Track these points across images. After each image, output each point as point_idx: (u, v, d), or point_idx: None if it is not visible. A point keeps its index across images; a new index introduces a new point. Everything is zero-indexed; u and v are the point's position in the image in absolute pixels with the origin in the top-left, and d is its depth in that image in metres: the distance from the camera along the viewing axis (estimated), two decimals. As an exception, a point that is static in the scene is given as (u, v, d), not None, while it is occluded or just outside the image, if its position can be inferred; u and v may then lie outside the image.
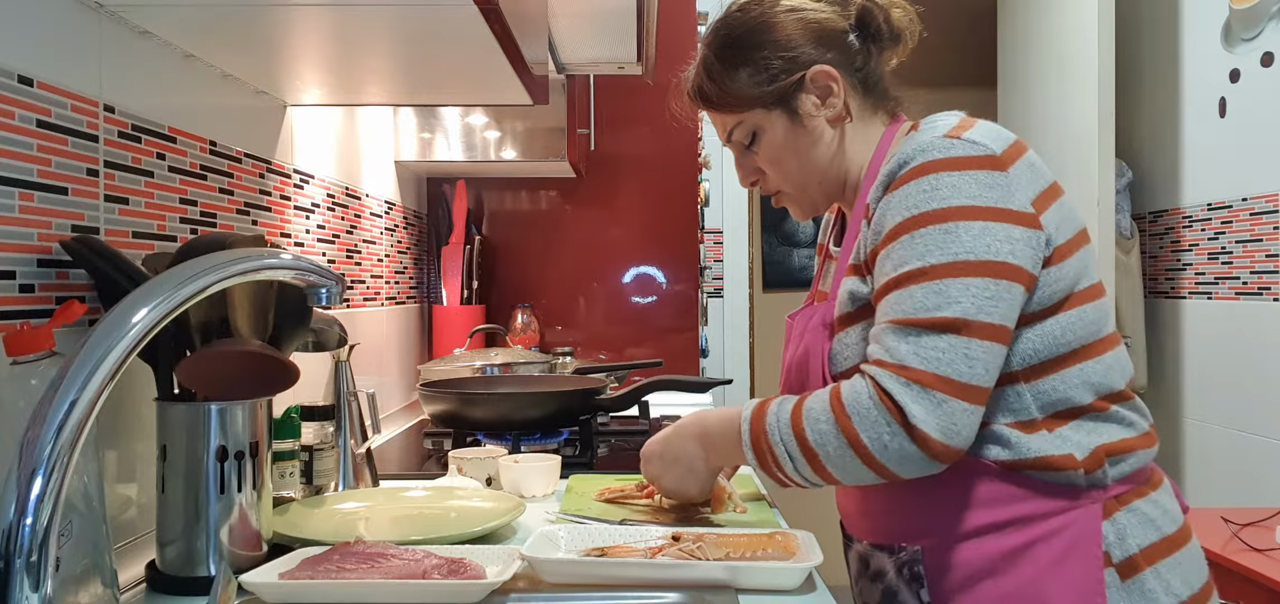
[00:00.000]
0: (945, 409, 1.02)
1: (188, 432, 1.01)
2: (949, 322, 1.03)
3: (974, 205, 1.06)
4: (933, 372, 1.03)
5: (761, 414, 1.13)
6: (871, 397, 1.05)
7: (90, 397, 0.66)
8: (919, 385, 1.03)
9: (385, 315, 2.34)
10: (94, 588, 0.87)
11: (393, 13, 1.18)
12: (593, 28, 2.01)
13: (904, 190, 1.08)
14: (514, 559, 1.01)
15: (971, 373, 1.03)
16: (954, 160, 1.08)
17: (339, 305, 0.84)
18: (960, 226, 1.05)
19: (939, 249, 1.05)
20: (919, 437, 1.02)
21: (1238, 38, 2.82)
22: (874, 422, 1.04)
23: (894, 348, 1.05)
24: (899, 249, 1.07)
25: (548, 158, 2.49)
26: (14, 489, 0.64)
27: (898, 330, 1.05)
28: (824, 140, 1.22)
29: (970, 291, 1.04)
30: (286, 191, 1.70)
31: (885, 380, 1.04)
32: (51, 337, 0.86)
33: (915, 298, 1.05)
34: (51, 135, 1.04)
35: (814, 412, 1.09)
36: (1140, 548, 1.09)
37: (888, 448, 1.04)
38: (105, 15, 1.14)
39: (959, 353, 1.03)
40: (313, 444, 1.35)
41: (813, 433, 1.08)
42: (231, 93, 1.49)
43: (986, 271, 1.04)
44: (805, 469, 1.09)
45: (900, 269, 1.07)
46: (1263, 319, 2.75)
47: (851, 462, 1.06)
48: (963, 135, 1.10)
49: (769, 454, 1.12)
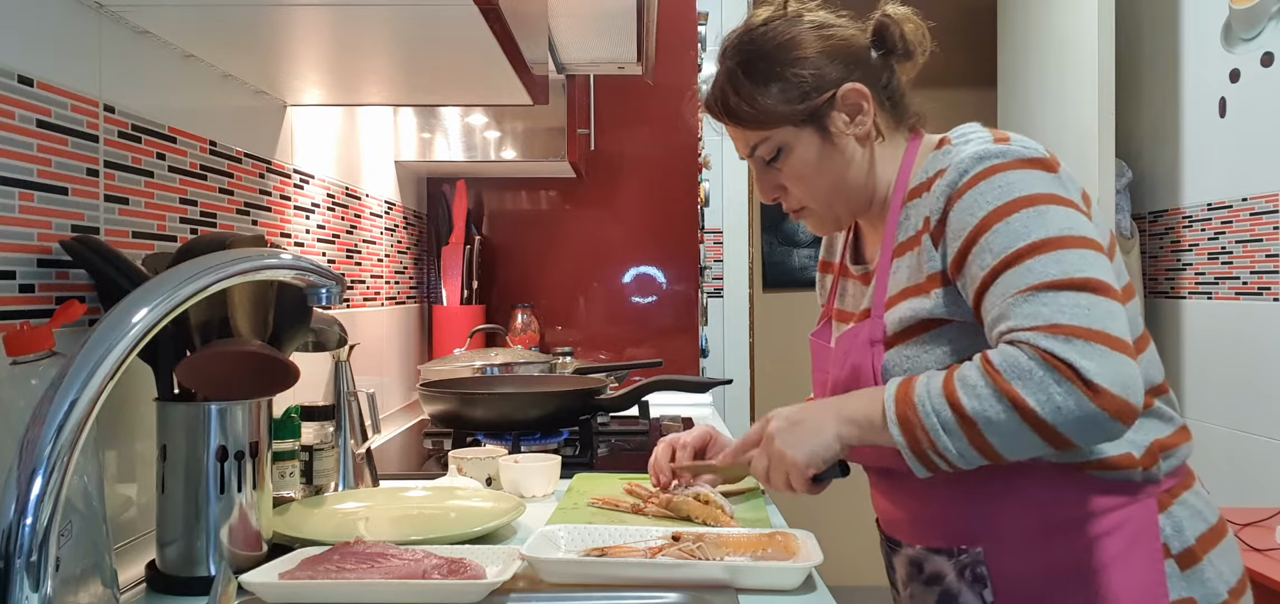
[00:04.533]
0: (1113, 361, 0.97)
1: (188, 432, 1.01)
2: (1080, 281, 1.00)
3: (1051, 194, 1.07)
4: (1086, 325, 0.98)
5: (908, 389, 1.07)
6: (1032, 358, 0.99)
7: (90, 397, 0.66)
8: (1081, 339, 0.97)
9: (385, 315, 2.34)
10: (94, 588, 0.87)
11: (392, 13, 1.18)
12: (593, 28, 2.01)
13: (976, 191, 1.08)
14: (514, 559, 1.01)
15: (1117, 328, 0.99)
16: (1016, 161, 1.09)
17: (339, 305, 0.84)
18: (1049, 209, 1.05)
19: (1039, 226, 1.04)
20: (1098, 392, 0.96)
21: (1238, 38, 2.82)
22: (1041, 382, 0.98)
23: (1035, 312, 1.00)
24: (996, 237, 1.05)
25: (548, 158, 2.49)
26: (14, 489, 0.64)
27: (1031, 296, 1.01)
28: (854, 158, 1.21)
29: (1086, 258, 1.02)
30: (286, 191, 1.70)
31: (1041, 341, 0.98)
32: (51, 336, 0.86)
33: (1036, 268, 1.02)
34: (51, 135, 1.04)
35: (968, 379, 1.03)
36: (1197, 537, 1.12)
37: (1062, 409, 0.97)
38: (105, 15, 1.14)
39: (1102, 309, 0.99)
40: (313, 444, 1.35)
41: (970, 400, 1.02)
42: (231, 93, 1.49)
43: (1088, 244, 1.04)
44: (962, 442, 1.03)
45: (1007, 250, 1.04)
46: (1263, 319, 2.75)
47: (1018, 429, 1.00)
48: (1012, 141, 1.12)
49: (920, 429, 1.05)
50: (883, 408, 1.08)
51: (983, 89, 3.72)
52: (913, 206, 1.17)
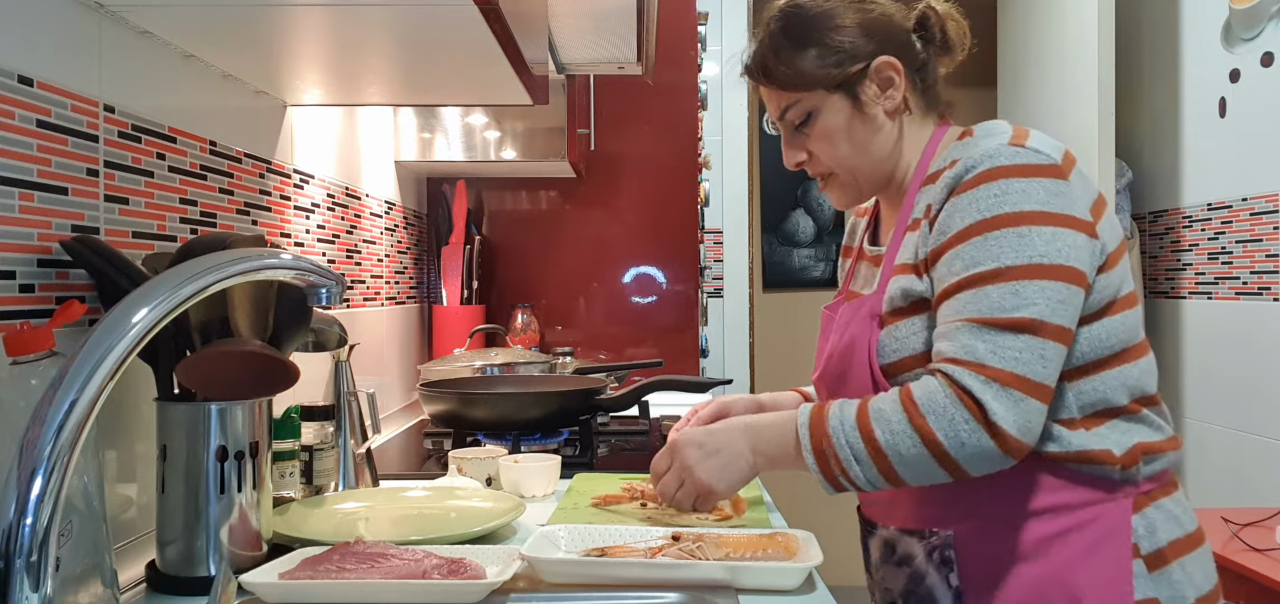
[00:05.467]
0: (1023, 407, 1.05)
1: (188, 432, 1.01)
2: (1026, 322, 1.06)
3: (1044, 211, 1.09)
4: (1011, 371, 1.05)
5: (821, 418, 1.13)
6: (948, 394, 1.06)
7: (90, 397, 0.66)
8: (998, 383, 1.05)
9: (385, 315, 2.34)
10: (94, 588, 0.87)
11: (393, 13, 1.18)
12: (593, 28, 2.01)
13: (973, 193, 1.11)
14: (514, 559, 1.01)
15: (1045, 373, 1.06)
16: (1021, 167, 1.11)
17: (339, 305, 0.84)
18: (1034, 231, 1.08)
19: (1014, 251, 1.08)
20: (998, 433, 1.05)
21: (1238, 38, 2.82)
22: (951, 418, 1.06)
23: (971, 346, 1.07)
24: (971, 249, 1.10)
25: (548, 158, 2.49)
26: (14, 489, 0.64)
27: (974, 329, 1.07)
28: (881, 131, 1.24)
29: (1045, 294, 1.07)
30: (286, 191, 1.70)
31: (964, 378, 1.06)
32: (51, 336, 0.86)
33: (991, 298, 1.07)
34: (51, 135, 1.04)
35: (883, 412, 1.09)
36: (1168, 541, 1.14)
37: (965, 445, 1.06)
38: (105, 15, 1.14)
39: (1035, 353, 1.06)
40: (313, 444, 1.35)
41: (883, 433, 1.09)
42: (231, 93, 1.49)
43: (1059, 275, 1.08)
44: (871, 471, 1.10)
45: (973, 269, 1.09)
46: (1263, 319, 2.75)
47: (924, 461, 1.08)
48: (1026, 143, 1.14)
49: (832, 458, 1.12)
50: (796, 436, 1.15)
51: (983, 89, 3.72)
52: (926, 191, 1.20)
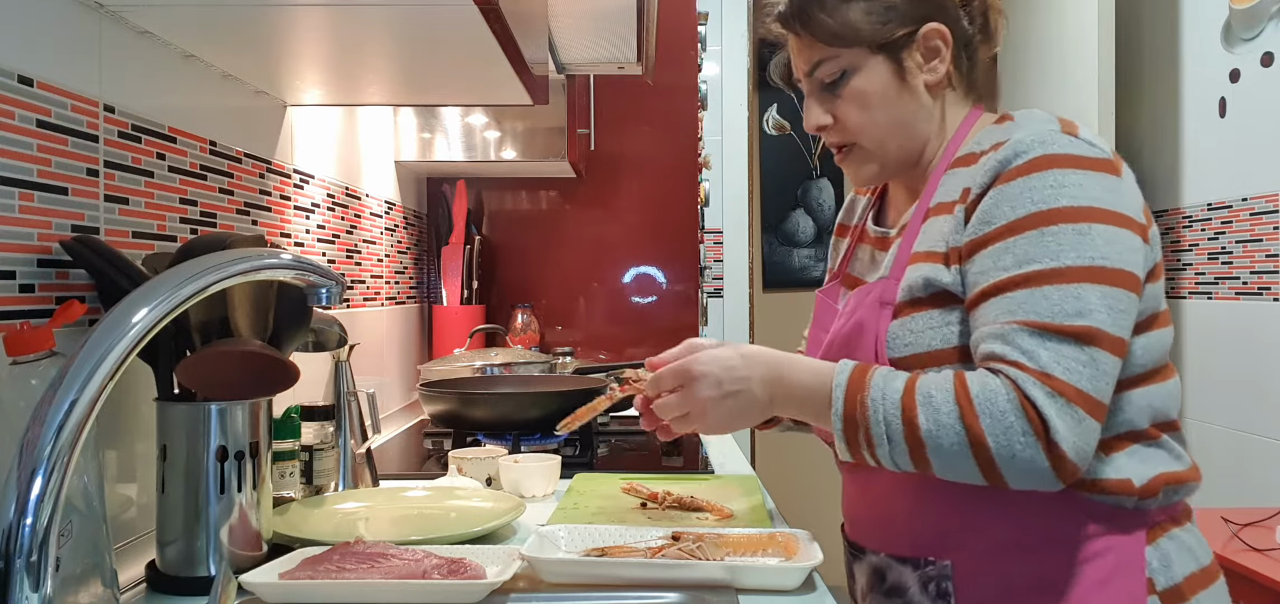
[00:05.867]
0: (1083, 428, 0.96)
1: (188, 432, 1.01)
2: (1088, 332, 0.97)
3: (1103, 208, 1.01)
4: (1075, 385, 0.96)
5: (861, 384, 1.03)
6: (1011, 400, 0.97)
7: (90, 397, 0.66)
8: (1063, 399, 0.96)
9: (385, 315, 2.34)
10: (94, 588, 0.87)
11: (393, 13, 1.18)
12: (593, 28, 2.01)
13: (1024, 182, 1.02)
14: (514, 559, 1.01)
15: (1104, 390, 0.98)
16: (1078, 158, 1.02)
17: (339, 305, 0.84)
18: (1095, 229, 1.00)
19: (1074, 250, 0.99)
20: (1057, 454, 0.96)
21: (1238, 38, 2.82)
22: (1008, 427, 0.96)
23: (1032, 352, 0.97)
24: (1025, 244, 1.00)
25: (548, 158, 2.49)
26: (14, 489, 0.64)
27: (1033, 334, 0.98)
28: (920, 102, 1.16)
29: (1106, 301, 0.98)
30: (286, 191, 1.70)
31: (1030, 387, 0.96)
32: (51, 336, 0.86)
33: (1051, 300, 0.98)
34: (51, 135, 1.04)
35: (933, 399, 1.00)
36: (1185, 576, 1.06)
37: (1016, 458, 0.97)
38: (105, 15, 1.14)
39: (1097, 367, 0.97)
40: (313, 444, 1.35)
41: (928, 421, 0.99)
42: (231, 93, 1.49)
43: (1119, 280, 0.99)
44: (901, 454, 1.01)
45: (1028, 266, 1.00)
46: (1263, 319, 2.75)
47: (964, 461, 0.99)
48: (1079, 133, 1.05)
49: (863, 431, 1.03)
50: (830, 395, 1.05)
51: (983, 89, 3.72)
52: (955, 174, 1.12)
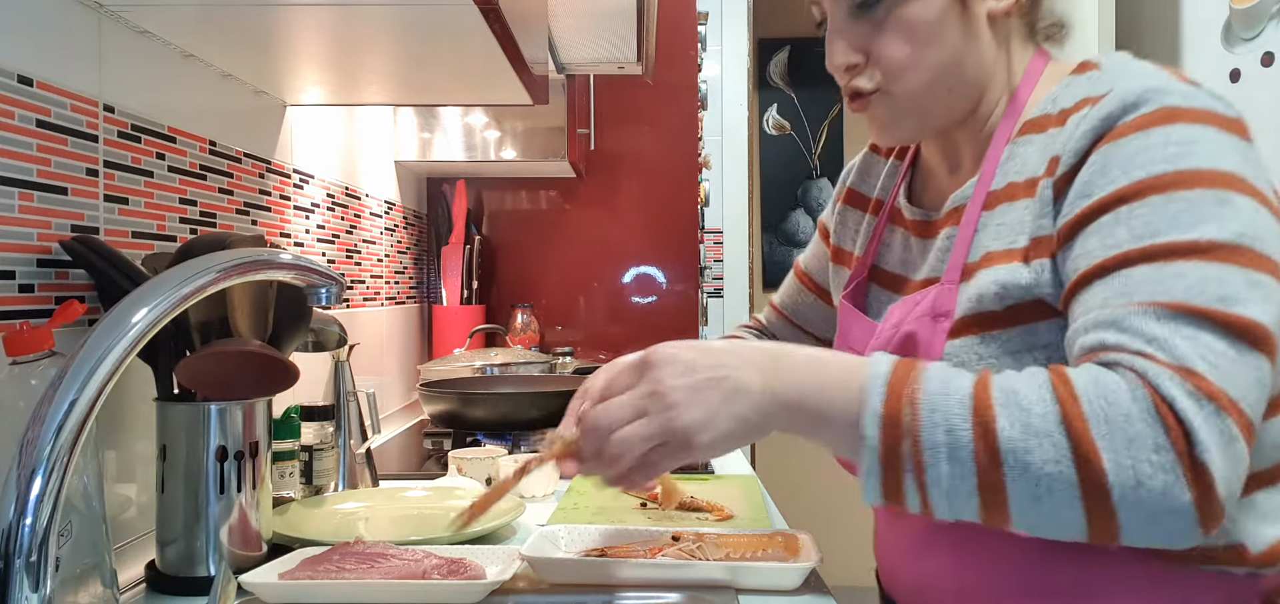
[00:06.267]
0: (1235, 451, 0.67)
1: (187, 432, 1.01)
2: (1241, 324, 0.70)
3: (1243, 178, 0.76)
4: (1226, 390, 0.67)
5: (911, 379, 0.72)
6: (1141, 400, 0.67)
7: (90, 397, 0.66)
8: (1215, 405, 0.67)
9: (385, 315, 2.34)
10: (93, 588, 0.87)
11: (392, 12, 1.18)
12: (593, 27, 2.01)
13: (1142, 138, 0.77)
14: (514, 559, 1.01)
15: (1256, 405, 0.70)
16: (1207, 114, 0.78)
17: (338, 305, 0.84)
18: (1237, 199, 0.74)
19: (1216, 221, 0.73)
20: (1204, 482, 0.66)
21: (1238, 38, 2.82)
22: (1135, 437, 0.66)
23: (1164, 339, 0.69)
24: (1145, 211, 0.74)
25: (548, 158, 2.49)
26: (13, 489, 0.64)
27: (1164, 316, 0.70)
28: (980, 39, 0.91)
29: (1261, 292, 0.71)
30: (286, 191, 1.70)
31: (1165, 383, 0.67)
32: (51, 336, 0.86)
33: (1187, 279, 0.71)
34: (51, 135, 1.04)
35: (1019, 394, 0.70)
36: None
37: (1142, 486, 0.66)
38: (105, 15, 1.14)
39: (1252, 372, 0.69)
40: (312, 444, 1.35)
41: (1010, 424, 0.68)
42: (231, 92, 1.49)
43: (1268, 267, 0.73)
44: (965, 484, 0.69)
45: (1155, 238, 0.73)
46: (1263, 319, 2.75)
47: (1061, 490, 0.67)
48: (1201, 86, 0.83)
49: (911, 442, 0.70)
50: (862, 390, 0.72)
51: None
52: (1026, 142, 0.87)
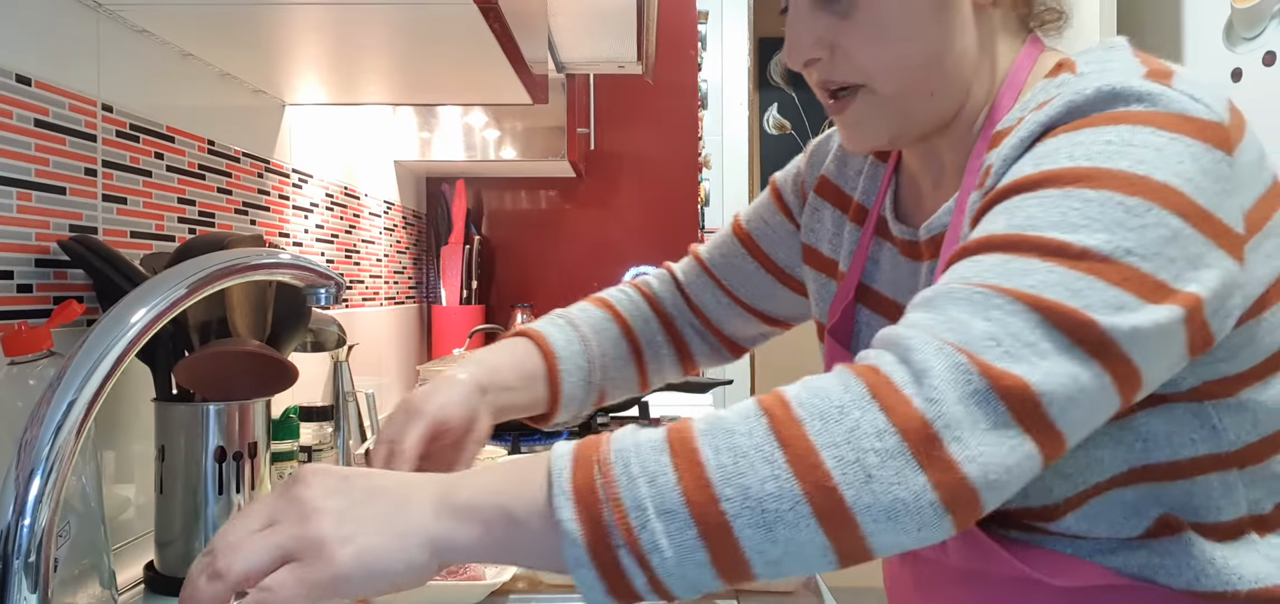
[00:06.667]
0: (1005, 439, 0.58)
1: (186, 432, 1.01)
2: (1078, 320, 0.61)
3: (1180, 192, 0.64)
4: (1019, 376, 0.59)
5: (594, 443, 0.61)
6: (853, 389, 0.58)
7: (88, 397, 0.65)
8: (988, 384, 0.58)
9: (384, 315, 2.34)
10: (92, 589, 0.87)
11: (392, 11, 1.18)
12: (592, 27, 2.01)
13: (1070, 135, 0.67)
14: (514, 560, 1.01)
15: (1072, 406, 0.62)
16: (1172, 116, 0.66)
17: (337, 305, 0.84)
18: (1154, 213, 0.63)
19: (1110, 230, 0.62)
20: (943, 463, 0.56)
21: (1239, 37, 2.82)
22: (855, 427, 0.57)
23: (966, 322, 0.60)
24: (1034, 202, 0.65)
25: (547, 157, 2.49)
26: (12, 490, 0.64)
27: (982, 296, 0.61)
28: (963, 27, 0.80)
29: (1127, 313, 0.62)
30: (285, 191, 1.69)
31: (925, 355, 0.59)
32: (49, 337, 0.86)
33: (1035, 275, 0.61)
34: (49, 134, 1.04)
35: (723, 418, 0.60)
36: None
37: (873, 481, 0.56)
38: (103, 14, 1.14)
39: (1069, 369, 0.60)
40: (312, 444, 1.35)
41: (717, 451, 0.57)
42: (230, 92, 1.49)
43: (1160, 296, 0.64)
44: (684, 536, 0.56)
45: (1025, 230, 0.64)
46: (1263, 319, 2.75)
47: (789, 514, 0.56)
48: (1175, 80, 0.69)
49: (611, 508, 0.57)
50: (547, 473, 0.60)
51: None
52: (991, 156, 0.77)
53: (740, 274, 1.14)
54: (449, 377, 0.89)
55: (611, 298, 1.14)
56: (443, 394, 0.87)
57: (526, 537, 0.60)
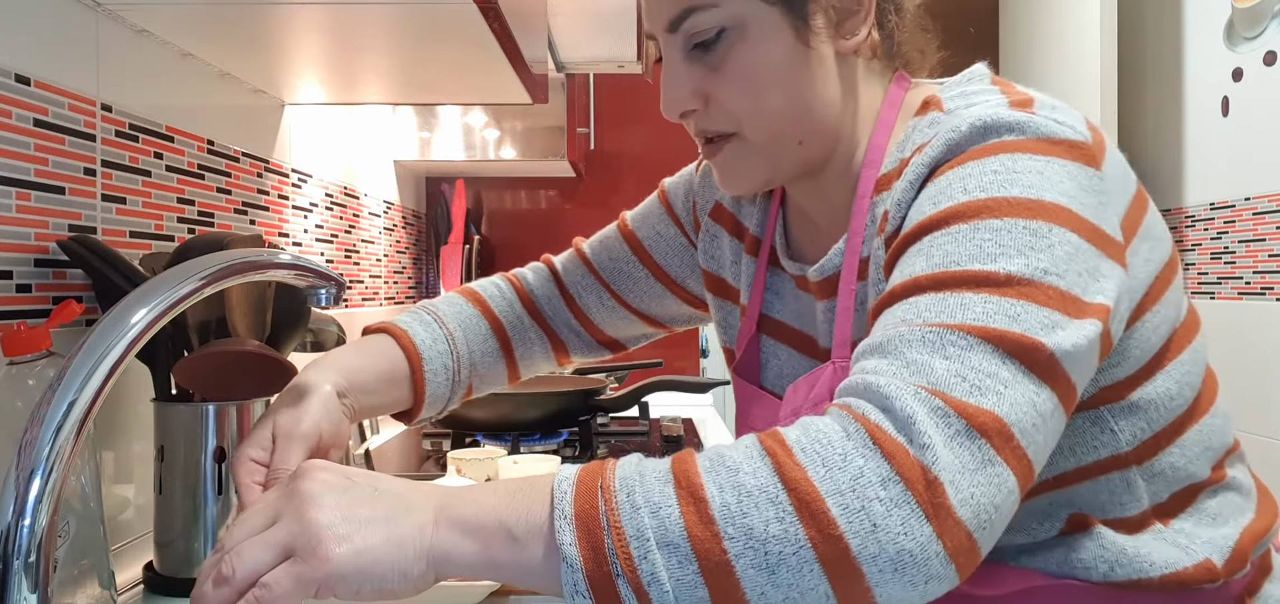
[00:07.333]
0: (992, 475, 0.58)
1: (185, 432, 1.01)
2: (1024, 344, 0.63)
3: (1069, 210, 0.67)
4: (990, 410, 0.59)
5: (602, 468, 0.61)
6: (855, 435, 0.58)
7: (88, 397, 0.65)
8: (965, 423, 0.58)
9: (384, 315, 2.34)
10: (92, 589, 0.87)
11: (391, 11, 1.18)
12: (592, 26, 2.01)
13: (959, 173, 0.70)
14: (514, 560, 1.00)
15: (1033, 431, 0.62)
16: (1042, 141, 0.70)
17: (337, 306, 0.84)
18: (1054, 233, 0.65)
19: (1023, 254, 0.64)
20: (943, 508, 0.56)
21: (1240, 36, 2.82)
22: (859, 474, 0.56)
23: (925, 363, 0.61)
24: (947, 240, 0.67)
25: (547, 157, 2.49)
26: (12, 490, 0.64)
27: (934, 336, 0.62)
28: (827, 77, 0.83)
29: (1058, 332, 0.64)
30: (284, 191, 1.69)
31: (907, 401, 0.59)
32: (49, 337, 0.86)
33: (974, 309, 0.63)
34: (49, 134, 1.04)
35: (726, 458, 0.59)
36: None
37: (879, 531, 0.55)
38: (103, 13, 1.14)
39: (1028, 396, 0.61)
40: (312, 444, 1.34)
41: (722, 489, 0.57)
42: (229, 92, 1.49)
43: (1078, 310, 0.66)
44: (685, 571, 0.56)
45: (948, 266, 0.65)
46: (1266, 319, 2.75)
47: (793, 558, 0.56)
48: (1036, 107, 0.73)
49: (613, 535, 0.57)
50: (549, 495, 0.61)
51: (983, 88, 3.72)
52: (881, 201, 0.81)
53: (628, 279, 1.16)
54: (309, 387, 0.88)
55: (482, 290, 1.15)
56: (311, 414, 0.85)
57: (525, 557, 0.61)
